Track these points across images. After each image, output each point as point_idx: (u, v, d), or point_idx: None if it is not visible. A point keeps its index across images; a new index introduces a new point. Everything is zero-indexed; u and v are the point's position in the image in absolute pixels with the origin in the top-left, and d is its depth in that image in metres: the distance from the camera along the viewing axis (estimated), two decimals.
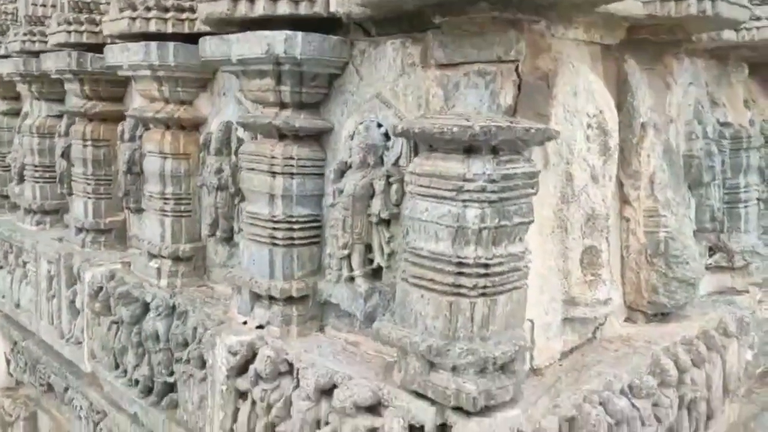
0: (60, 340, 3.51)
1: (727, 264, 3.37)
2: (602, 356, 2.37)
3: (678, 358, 2.44)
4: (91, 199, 3.59)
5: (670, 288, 2.69)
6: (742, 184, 3.30)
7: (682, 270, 2.68)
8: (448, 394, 1.83)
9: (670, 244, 2.66)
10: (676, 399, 2.38)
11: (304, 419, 2.07)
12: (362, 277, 2.25)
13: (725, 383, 2.86)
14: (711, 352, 2.72)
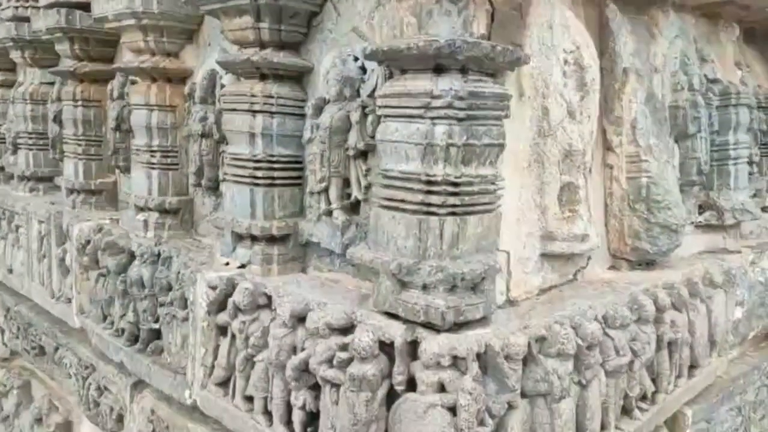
0: (50, 300, 3.58)
1: (717, 222, 3.40)
2: (580, 293, 2.41)
3: (657, 297, 2.47)
4: (81, 160, 3.67)
5: (652, 233, 2.73)
6: (732, 141, 3.34)
7: (664, 215, 2.72)
8: (418, 310, 1.88)
9: (652, 189, 2.70)
10: (654, 336, 2.41)
11: (280, 346, 2.12)
12: (340, 210, 2.30)
13: (711, 334, 2.90)
14: (694, 299, 2.75)
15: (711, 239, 3.55)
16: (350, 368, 1.86)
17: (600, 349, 2.14)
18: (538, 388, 1.94)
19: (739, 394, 3.20)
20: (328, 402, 1.96)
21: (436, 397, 1.81)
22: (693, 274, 2.80)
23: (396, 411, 1.89)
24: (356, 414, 1.86)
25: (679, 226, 2.76)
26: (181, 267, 2.60)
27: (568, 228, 2.34)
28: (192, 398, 2.50)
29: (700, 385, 2.85)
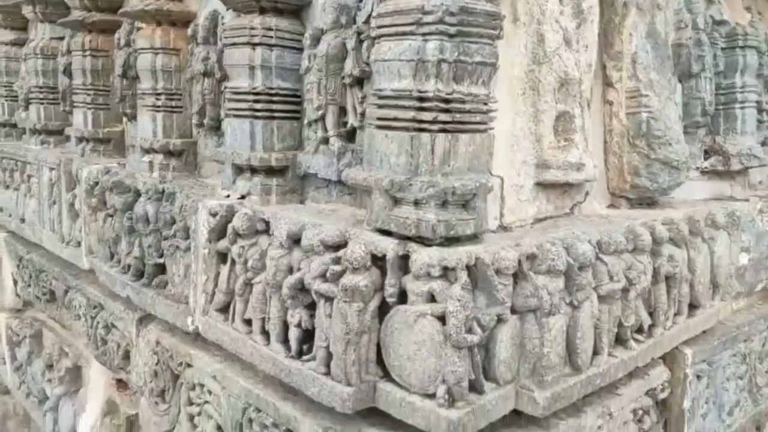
0: (61, 245, 3.68)
1: (724, 167, 3.41)
2: (576, 223, 2.45)
3: (654, 229, 2.50)
4: (90, 109, 3.75)
5: (652, 170, 2.76)
6: (739, 84, 3.34)
7: (664, 151, 2.74)
8: (409, 224, 1.94)
9: (652, 124, 2.72)
10: (651, 267, 2.45)
11: (277, 266, 2.19)
12: (336, 137, 2.36)
13: (713, 275, 2.92)
14: (695, 237, 2.78)
15: (717, 187, 3.57)
16: (343, 279, 1.93)
17: (593, 273, 2.18)
18: (528, 303, 1.99)
19: (744, 341, 3.23)
20: (323, 316, 2.02)
21: (426, 306, 1.87)
22: (695, 214, 2.82)
23: (388, 323, 1.96)
24: (348, 324, 1.92)
25: (681, 163, 2.79)
26: (184, 202, 2.67)
27: (563, 156, 2.38)
28: (194, 325, 2.58)
29: (701, 326, 2.88)
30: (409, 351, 1.90)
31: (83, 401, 3.87)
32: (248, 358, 2.33)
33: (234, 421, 2.41)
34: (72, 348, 4.04)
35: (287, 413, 2.17)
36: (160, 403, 2.89)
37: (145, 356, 2.97)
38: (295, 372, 2.13)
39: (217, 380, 2.49)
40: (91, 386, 3.87)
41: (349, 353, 1.95)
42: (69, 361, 3.98)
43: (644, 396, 2.57)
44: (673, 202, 3.10)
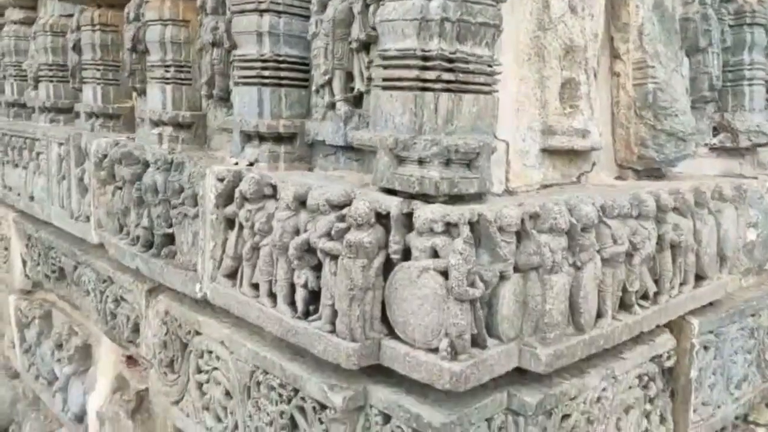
0: (70, 221, 3.76)
1: (732, 144, 3.45)
2: (581, 190, 2.50)
3: (659, 197, 2.54)
4: (99, 84, 3.83)
5: (658, 141, 2.80)
6: (747, 61, 3.38)
7: (670, 122, 2.79)
8: (413, 181, 1.99)
9: (659, 95, 2.77)
10: (655, 233, 2.49)
11: (283, 228, 2.25)
12: (343, 101, 2.41)
13: (720, 248, 2.96)
14: (701, 209, 2.81)
15: (727, 164, 3.61)
16: (347, 236, 1.98)
17: (597, 236, 2.22)
18: (530, 261, 2.04)
19: (752, 316, 3.26)
20: (328, 274, 2.08)
21: (429, 261, 1.92)
22: (701, 186, 2.86)
23: (392, 280, 2.01)
24: (353, 279, 1.98)
25: (687, 135, 2.83)
26: (192, 171, 2.73)
27: (568, 122, 2.43)
28: (202, 292, 2.64)
29: (708, 296, 2.92)
30: (413, 306, 1.95)
31: (93, 380, 3.94)
32: (255, 321, 2.38)
33: (242, 385, 2.47)
34: (81, 327, 4.12)
35: (294, 373, 2.22)
36: (169, 373, 2.96)
37: (154, 327, 3.04)
38: (301, 332, 2.19)
39: (225, 346, 2.55)
40: (100, 365, 3.95)
41: (354, 309, 2.00)
42: (79, 340, 4.06)
43: (650, 362, 2.62)
44: (682, 176, 3.15)
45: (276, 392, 2.31)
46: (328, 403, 2.09)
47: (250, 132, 2.64)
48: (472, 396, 2.02)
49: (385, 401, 2.04)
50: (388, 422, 2.05)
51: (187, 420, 2.84)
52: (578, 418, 2.28)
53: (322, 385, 2.12)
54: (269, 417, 2.35)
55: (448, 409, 1.95)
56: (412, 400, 2.00)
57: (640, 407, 2.62)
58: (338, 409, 2.05)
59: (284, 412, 2.29)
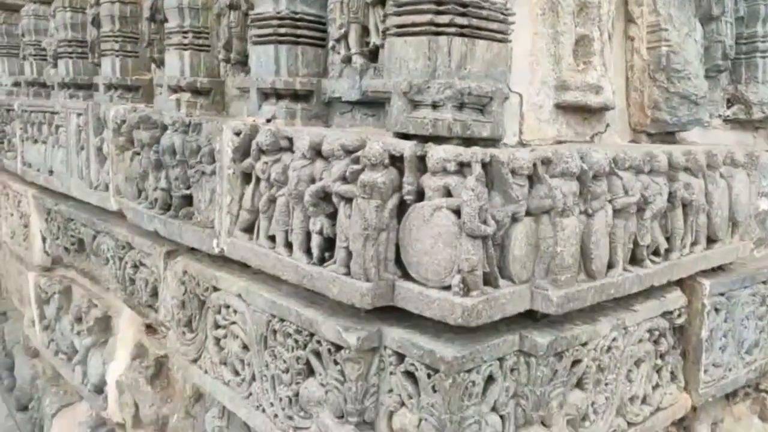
0: (89, 190, 3.84)
1: (745, 116, 3.49)
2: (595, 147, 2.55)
3: (671, 155, 2.59)
4: (118, 56, 3.92)
5: (671, 104, 2.85)
6: (761, 33, 3.42)
7: (683, 85, 2.83)
8: (426, 123, 2.05)
9: (672, 58, 2.81)
10: (666, 189, 2.53)
11: (299, 176, 2.31)
12: (359, 55, 2.48)
13: (732, 212, 2.99)
14: (713, 171, 2.85)
15: (741, 137, 3.65)
16: (361, 176, 2.04)
17: (608, 186, 2.27)
18: (542, 204, 2.09)
19: (763, 283, 3.28)
20: (343, 217, 2.14)
21: (441, 200, 1.98)
22: (713, 149, 2.89)
23: (406, 221, 2.07)
24: (367, 219, 2.04)
25: (699, 98, 2.87)
26: (210, 131, 2.80)
27: (582, 78, 2.48)
28: (219, 247, 2.71)
29: (718, 258, 2.95)
30: (426, 245, 2.01)
31: (112, 350, 4.03)
32: (272, 270, 2.45)
33: (258, 336, 2.54)
34: (101, 300, 4.21)
35: (309, 317, 2.29)
36: (188, 332, 3.03)
37: (172, 288, 3.11)
38: (317, 276, 2.25)
39: (242, 298, 2.62)
40: (120, 336, 4.03)
41: (368, 249, 2.06)
42: (98, 311, 4.15)
43: (660, 318, 2.66)
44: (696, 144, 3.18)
45: (292, 338, 2.37)
46: (342, 344, 2.15)
47: (266, 90, 2.71)
48: (484, 335, 2.08)
49: (398, 341, 2.10)
50: (402, 362, 2.11)
51: (205, 377, 2.91)
52: (589, 365, 2.33)
53: (337, 327, 2.17)
54: (285, 364, 2.42)
55: (461, 345, 2.01)
56: (425, 339, 2.06)
57: (650, 361, 2.67)
58: (353, 348, 2.11)
59: (300, 357, 2.35)
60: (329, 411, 2.27)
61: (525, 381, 2.18)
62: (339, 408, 2.22)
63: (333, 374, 2.22)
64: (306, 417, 2.39)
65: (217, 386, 2.84)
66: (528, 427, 2.22)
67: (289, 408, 2.44)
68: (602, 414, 2.45)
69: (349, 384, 2.16)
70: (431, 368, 2.01)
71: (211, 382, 2.88)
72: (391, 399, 2.17)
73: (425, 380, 2.03)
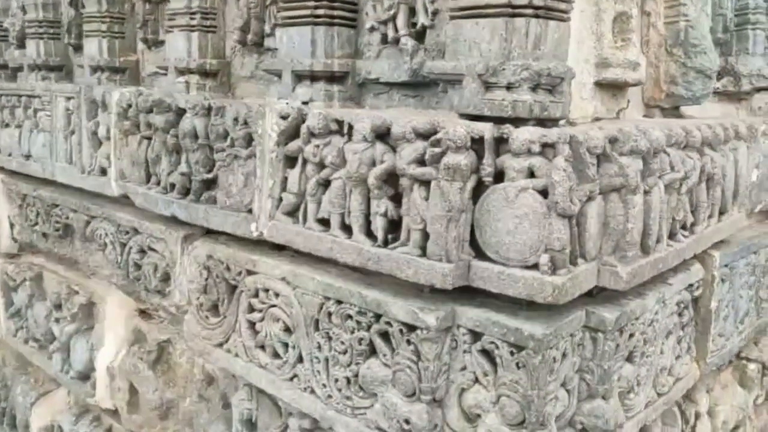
0: (81, 175, 3.63)
1: (734, 88, 3.60)
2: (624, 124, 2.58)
3: (700, 128, 2.66)
4: (105, 37, 3.70)
5: (688, 78, 2.90)
6: (752, 5, 3.51)
7: (700, 59, 2.89)
8: (506, 105, 2.03)
9: (690, 32, 2.86)
10: (699, 164, 2.60)
11: (360, 159, 2.25)
12: (408, 36, 2.42)
13: (736, 185, 3.11)
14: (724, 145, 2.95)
15: (726, 108, 3.77)
16: (445, 159, 2.01)
17: (659, 156, 2.31)
18: (612, 183, 2.11)
19: (753, 253, 3.44)
20: (418, 199, 2.10)
21: (527, 181, 1.98)
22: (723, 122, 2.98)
23: (483, 202, 2.05)
24: (450, 201, 2.01)
25: (712, 72, 2.94)
26: (237, 114, 2.68)
27: (622, 55, 2.51)
28: (258, 231, 2.62)
29: (727, 230, 3.06)
30: (509, 225, 2.00)
31: (100, 336, 3.85)
32: (327, 254, 2.39)
33: (309, 318, 2.47)
34: (81, 286, 4.00)
35: (376, 299, 2.24)
36: (212, 317, 2.92)
37: (191, 273, 2.99)
38: (384, 258, 2.20)
39: (287, 281, 2.54)
40: (107, 322, 3.85)
41: (451, 230, 2.04)
42: (82, 298, 3.94)
43: (685, 290, 2.75)
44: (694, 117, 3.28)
45: (353, 320, 2.33)
46: (419, 324, 2.12)
47: (302, 72, 2.62)
48: (558, 313, 2.10)
49: (476, 319, 2.09)
50: (477, 340, 2.11)
51: (235, 360, 2.82)
52: (639, 338, 2.39)
53: (411, 308, 2.15)
54: (344, 345, 2.37)
55: (544, 323, 2.02)
56: (505, 317, 2.05)
57: (676, 333, 2.76)
58: (432, 328, 2.09)
59: (362, 338, 2.31)
60: (397, 390, 2.25)
61: (590, 356, 2.22)
62: (411, 386, 2.20)
63: (406, 354, 2.19)
64: (366, 396, 2.36)
65: (250, 370, 2.76)
66: (591, 401, 2.26)
67: (347, 388, 2.40)
68: (643, 386, 2.52)
69: (425, 363, 2.14)
70: (515, 346, 2.02)
71: (242, 366, 2.80)
72: (464, 377, 2.16)
73: (508, 357, 2.03)
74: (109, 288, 3.74)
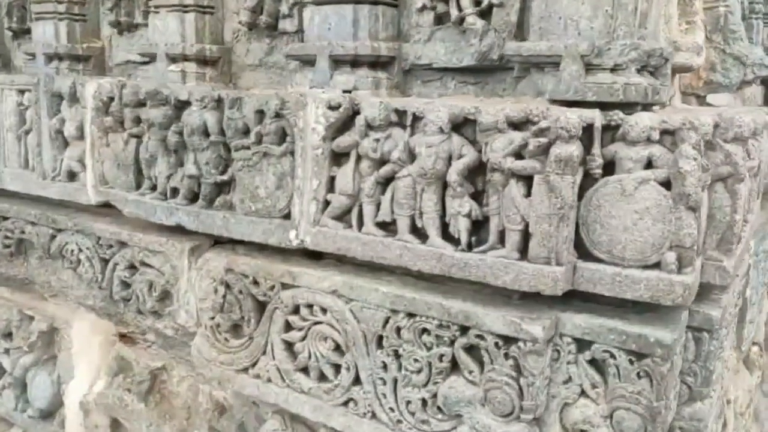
0: (41, 182, 3.23)
1: None
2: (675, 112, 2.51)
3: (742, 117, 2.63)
4: (63, 20, 3.30)
5: (726, 65, 2.90)
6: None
7: (737, 46, 2.89)
8: (616, 89, 1.90)
9: (729, 18, 2.85)
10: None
11: (437, 153, 2.07)
12: (475, 15, 2.25)
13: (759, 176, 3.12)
14: None
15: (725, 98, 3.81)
16: (555, 149, 1.86)
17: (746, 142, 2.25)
18: (719, 172, 2.02)
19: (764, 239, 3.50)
20: (517, 197, 1.94)
21: (648, 172, 1.85)
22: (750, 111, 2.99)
23: (592, 196, 1.92)
24: (563, 197, 1.86)
25: (747, 59, 2.95)
26: (262, 106, 2.43)
27: (691, 38, 2.44)
28: (298, 239, 2.38)
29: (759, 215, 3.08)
30: (626, 222, 1.87)
31: (68, 367, 3.46)
32: (395, 261, 2.19)
33: (370, 335, 2.27)
34: (37, 311, 3.59)
35: (463, 310, 2.07)
36: (232, 338, 2.65)
37: (203, 290, 2.70)
38: (473, 264, 2.03)
39: (339, 294, 2.32)
40: (76, 349, 3.46)
41: (562, 230, 1.89)
42: (42, 324, 3.52)
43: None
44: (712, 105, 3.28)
45: (431, 335, 2.14)
46: (521, 336, 1.97)
47: (343, 57, 2.40)
48: (665, 314, 1.99)
49: (584, 326, 1.96)
50: (583, 349, 1.98)
51: (267, 386, 2.57)
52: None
53: (511, 318, 1.99)
54: (418, 364, 2.18)
55: (664, 327, 1.91)
56: (621, 323, 1.93)
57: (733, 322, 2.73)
58: (539, 339, 1.94)
59: (444, 354, 2.13)
60: (488, 410, 2.09)
61: (692, 357, 2.13)
62: (509, 405, 2.04)
63: (503, 370, 2.03)
64: (446, 419, 2.19)
65: (289, 396, 2.52)
66: (691, 404, 2.18)
67: (422, 411, 2.22)
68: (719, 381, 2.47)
69: (529, 379, 1.99)
70: (635, 353, 1.90)
71: (278, 392, 2.55)
72: (567, 390, 2.03)
73: (627, 367, 1.91)
74: (77, 311, 3.36)
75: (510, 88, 2.28)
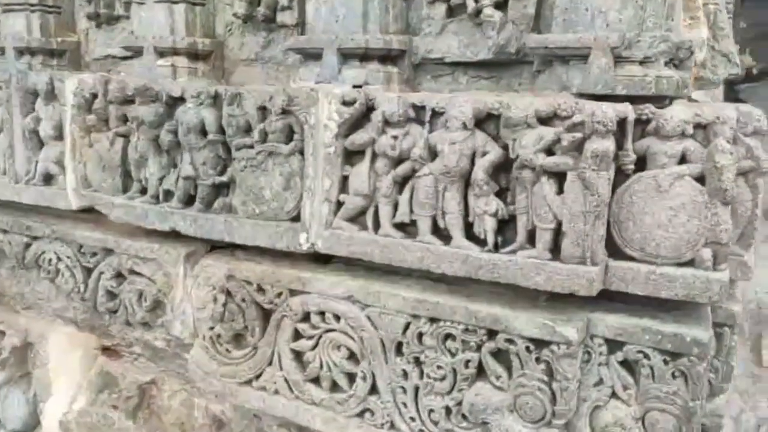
0: (13, 186, 3.08)
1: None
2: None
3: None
4: (36, 12, 3.17)
5: (714, 62, 2.93)
6: None
7: (725, 43, 2.93)
8: (648, 82, 1.90)
9: (718, 15, 2.89)
10: None
11: (461, 150, 2.03)
12: (491, 7, 2.22)
13: None
14: None
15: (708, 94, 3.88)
16: (590, 145, 1.84)
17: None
18: (741, 166, 2.03)
19: None
20: (549, 194, 1.92)
21: (683, 167, 1.86)
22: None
23: (625, 193, 1.91)
24: (600, 194, 1.85)
25: (734, 56, 3.00)
26: (264, 102, 2.36)
27: (696, 33, 2.45)
28: (309, 243, 2.32)
29: None
30: (660, 218, 1.87)
31: (45, 383, 3.33)
32: (416, 264, 2.14)
33: (389, 342, 2.22)
34: (8, 324, 3.44)
35: (491, 313, 2.04)
36: (234, 349, 2.58)
37: (200, 298, 2.61)
38: (502, 265, 2.00)
39: (355, 300, 2.27)
40: (53, 365, 3.33)
41: (597, 228, 1.88)
42: (15, 339, 3.37)
43: None
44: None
45: (457, 340, 2.11)
46: (555, 339, 1.95)
47: (352, 51, 2.35)
48: (693, 311, 2.00)
49: (617, 327, 1.95)
50: (615, 350, 1.97)
51: (274, 399, 2.50)
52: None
53: (543, 321, 1.97)
54: (442, 371, 2.14)
55: (697, 325, 1.92)
56: (655, 322, 1.93)
57: None
58: (574, 342, 1.92)
59: (470, 360, 2.10)
60: (517, 416, 2.06)
61: (713, 353, 2.14)
62: (540, 411, 2.02)
63: (534, 374, 2.01)
64: (471, 427, 2.16)
65: (298, 408, 2.46)
66: (712, 400, 2.21)
67: (446, 420, 2.18)
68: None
69: (563, 383, 1.97)
70: (669, 353, 1.90)
71: (285, 405, 2.48)
72: (599, 393, 2.02)
73: (661, 367, 1.91)
74: (53, 324, 3.23)
75: (526, 82, 2.25)
